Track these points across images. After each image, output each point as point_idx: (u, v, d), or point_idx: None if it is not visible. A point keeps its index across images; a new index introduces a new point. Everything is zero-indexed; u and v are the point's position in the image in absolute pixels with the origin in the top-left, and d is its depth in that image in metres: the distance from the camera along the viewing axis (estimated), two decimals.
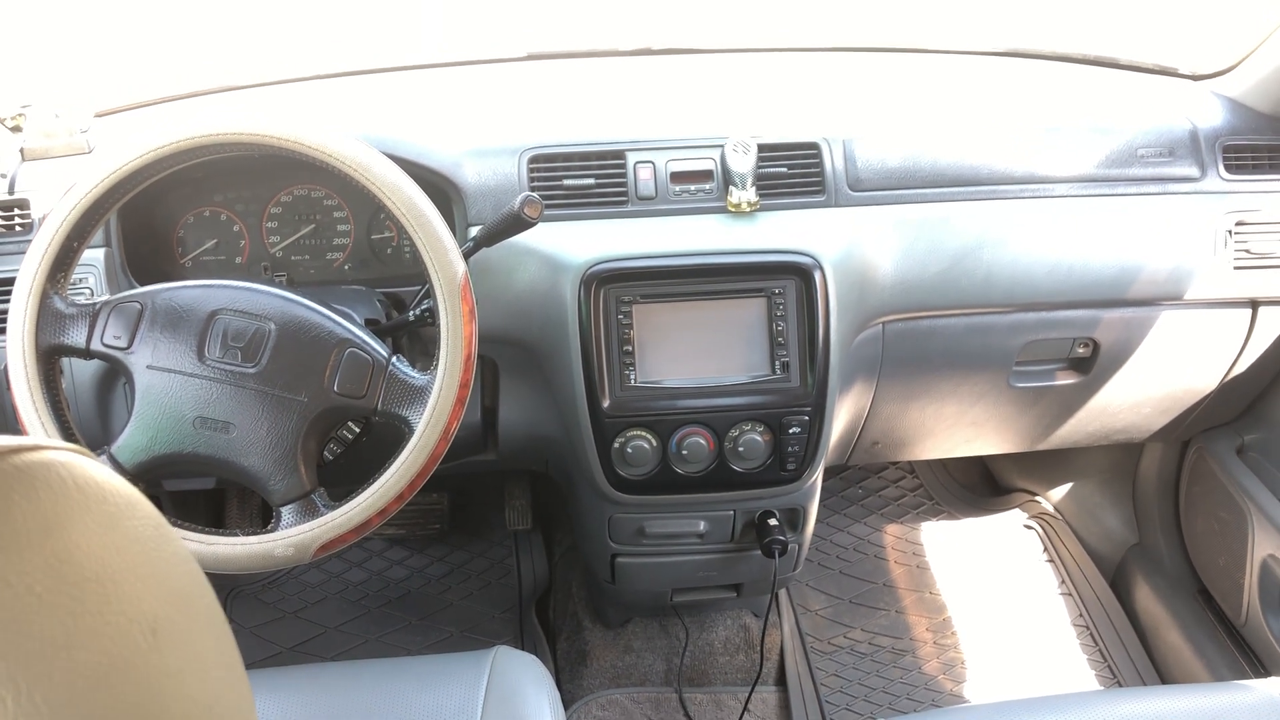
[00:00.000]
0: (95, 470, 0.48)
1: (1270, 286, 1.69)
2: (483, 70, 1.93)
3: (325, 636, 2.17)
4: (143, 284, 1.41)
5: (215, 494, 2.29)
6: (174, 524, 1.19)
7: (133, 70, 2.14)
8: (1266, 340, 1.76)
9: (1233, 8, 1.95)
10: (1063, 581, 2.29)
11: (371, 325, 1.35)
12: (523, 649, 2.09)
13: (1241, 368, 1.79)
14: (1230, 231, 1.65)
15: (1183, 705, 1.27)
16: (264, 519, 1.21)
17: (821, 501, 2.44)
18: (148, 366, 1.19)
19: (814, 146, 1.57)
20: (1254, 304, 1.72)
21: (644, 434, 1.51)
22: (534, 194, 1.31)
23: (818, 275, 1.47)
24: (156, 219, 1.61)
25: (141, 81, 1.86)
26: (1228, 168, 1.67)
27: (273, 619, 2.20)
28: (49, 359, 1.22)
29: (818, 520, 2.41)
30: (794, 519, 1.67)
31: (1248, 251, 1.66)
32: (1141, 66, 1.94)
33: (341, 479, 1.35)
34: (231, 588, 2.25)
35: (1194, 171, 1.66)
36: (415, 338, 1.52)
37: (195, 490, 2.11)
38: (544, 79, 1.88)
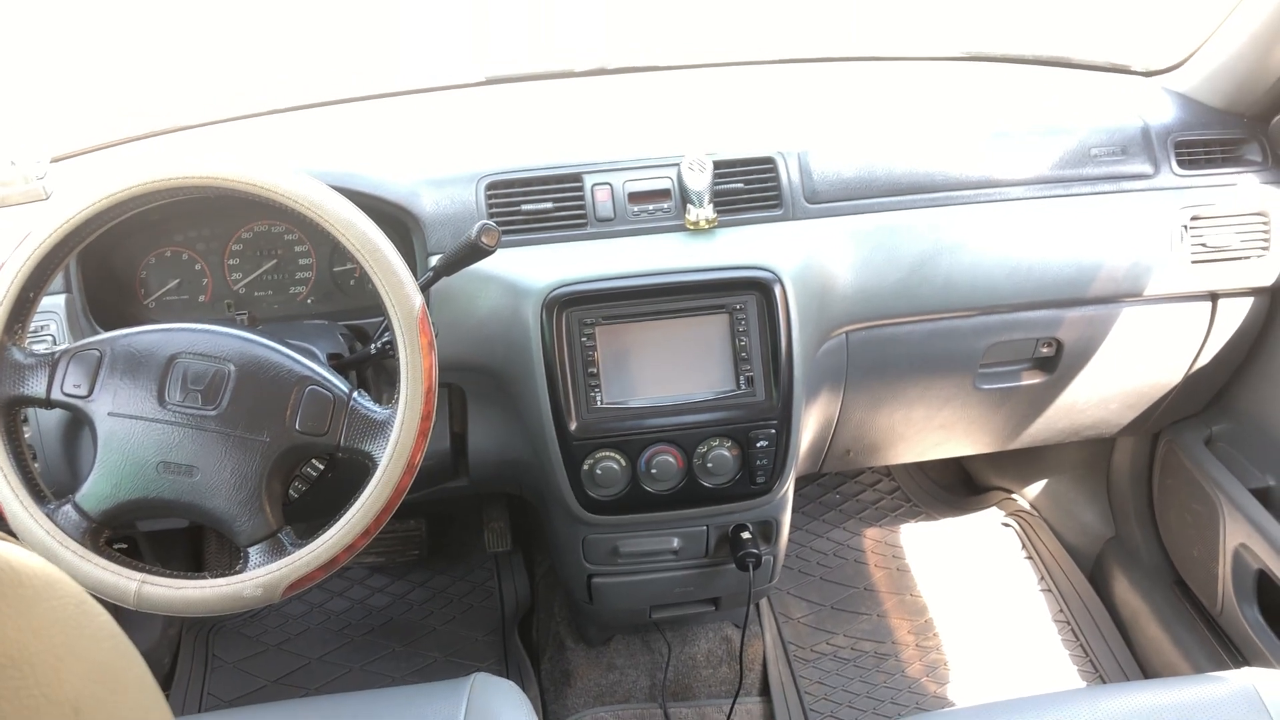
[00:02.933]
0: (10, 553, 0.48)
1: (1228, 279, 1.71)
2: (439, 97, 1.94)
3: (308, 668, 2.16)
4: (106, 328, 1.41)
5: (193, 532, 2.29)
6: (141, 568, 1.19)
7: (88, 113, 2.14)
8: (1228, 332, 1.78)
9: (1183, 1, 1.97)
10: (1042, 578, 2.30)
11: (333, 360, 1.35)
12: (506, 671, 2.11)
13: (1205, 360, 1.81)
14: (1185, 226, 1.67)
15: (1160, 700, 1.28)
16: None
17: (799, 508, 2.46)
18: (109, 413, 1.19)
19: (769, 161, 1.59)
20: (1213, 296, 1.74)
21: (613, 454, 1.51)
22: (490, 222, 1.31)
23: (777, 289, 1.48)
24: (117, 262, 1.61)
25: (97, 124, 1.86)
26: (1180, 163, 1.69)
27: (255, 653, 2.20)
28: (9, 410, 1.21)
29: (797, 527, 2.42)
30: (767, 531, 1.68)
31: (1204, 245, 1.68)
32: (1094, 65, 1.96)
33: (308, 516, 1.35)
34: (213, 623, 2.24)
35: (1147, 169, 1.68)
36: (380, 369, 1.52)
37: (172, 529, 2.11)
38: (500, 103, 1.89)
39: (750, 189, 1.57)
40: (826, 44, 2.26)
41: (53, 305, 1.46)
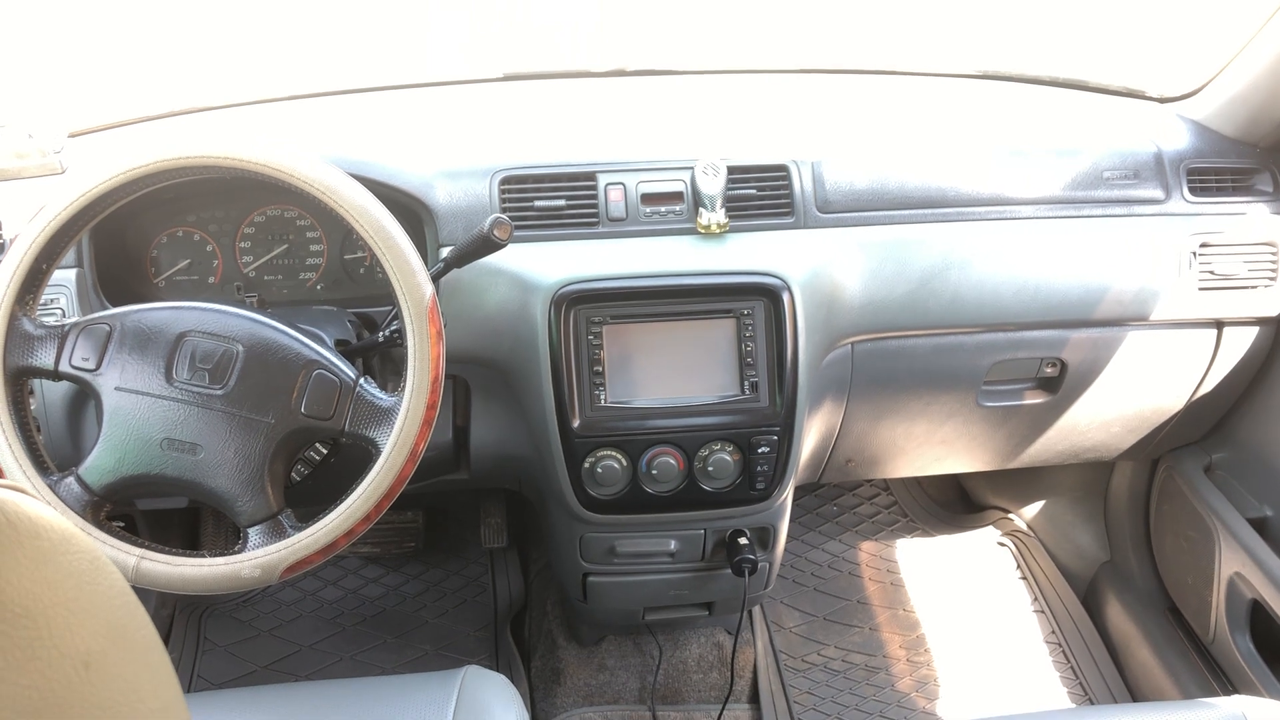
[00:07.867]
0: (29, 506, 0.48)
1: (1234, 307, 1.71)
2: (458, 90, 1.95)
3: (299, 655, 2.17)
4: (115, 305, 1.41)
5: (190, 512, 2.29)
6: (141, 545, 1.20)
7: (107, 90, 2.14)
8: (1232, 360, 1.78)
9: (1200, 31, 1.98)
10: (1035, 599, 2.31)
11: (341, 346, 1.35)
12: (497, 667, 2.11)
13: (1208, 387, 1.81)
14: (1194, 253, 1.67)
15: None
16: (239, 536, 1.23)
17: (796, 519, 2.46)
18: (116, 388, 1.20)
19: (783, 169, 1.59)
20: (1219, 324, 1.74)
21: (614, 454, 1.51)
22: (503, 216, 1.32)
23: (786, 296, 1.48)
24: (129, 239, 1.61)
25: (115, 101, 1.87)
26: (1192, 190, 1.69)
27: (247, 637, 2.20)
28: (17, 380, 1.22)
29: (792, 537, 2.42)
30: (764, 538, 1.68)
31: (1211, 273, 1.68)
32: (1109, 89, 1.96)
33: (310, 500, 1.35)
34: (206, 606, 2.24)
35: (1159, 194, 1.68)
36: (387, 358, 1.52)
37: (170, 508, 2.11)
38: (518, 99, 1.90)
39: (763, 195, 1.58)
40: (843, 56, 2.27)
41: (63, 279, 1.46)
